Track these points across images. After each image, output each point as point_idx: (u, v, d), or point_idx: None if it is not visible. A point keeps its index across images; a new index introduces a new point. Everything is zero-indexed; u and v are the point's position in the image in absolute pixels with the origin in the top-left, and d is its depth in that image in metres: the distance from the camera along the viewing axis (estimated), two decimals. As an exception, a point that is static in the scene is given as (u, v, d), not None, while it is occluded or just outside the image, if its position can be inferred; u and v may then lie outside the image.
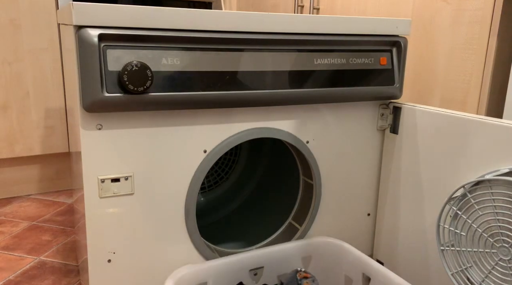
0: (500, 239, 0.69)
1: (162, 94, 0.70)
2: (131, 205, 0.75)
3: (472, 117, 0.75)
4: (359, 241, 0.99)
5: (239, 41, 0.75)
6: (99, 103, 0.67)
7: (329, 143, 0.90)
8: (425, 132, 0.85)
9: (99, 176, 0.72)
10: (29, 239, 1.26)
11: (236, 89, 0.75)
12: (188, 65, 0.72)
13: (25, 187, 1.59)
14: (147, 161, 0.74)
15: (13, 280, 1.05)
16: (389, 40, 0.88)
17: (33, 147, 1.52)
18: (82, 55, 0.65)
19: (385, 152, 0.96)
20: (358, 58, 0.85)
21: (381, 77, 0.88)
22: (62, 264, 1.13)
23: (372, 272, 0.81)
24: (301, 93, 0.81)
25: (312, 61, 0.81)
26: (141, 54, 0.68)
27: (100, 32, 0.65)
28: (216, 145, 0.79)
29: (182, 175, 0.77)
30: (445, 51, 1.10)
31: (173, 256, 0.80)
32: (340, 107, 0.89)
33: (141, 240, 0.77)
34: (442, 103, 1.12)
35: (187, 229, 0.80)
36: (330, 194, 0.93)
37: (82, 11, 0.64)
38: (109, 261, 0.75)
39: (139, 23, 0.68)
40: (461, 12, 1.05)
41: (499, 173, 0.70)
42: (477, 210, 0.71)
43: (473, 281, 0.73)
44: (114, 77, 0.67)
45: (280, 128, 0.84)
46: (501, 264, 0.69)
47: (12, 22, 1.42)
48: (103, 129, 0.71)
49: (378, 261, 0.99)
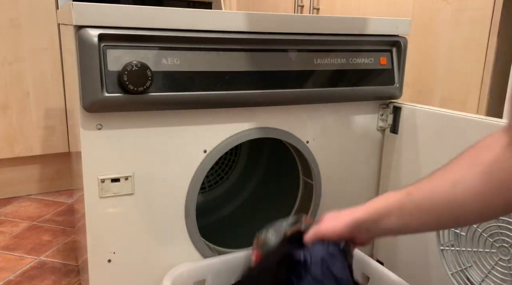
0: (499, 239, 0.69)
1: (162, 94, 0.70)
2: (131, 205, 0.75)
3: (472, 117, 0.75)
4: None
5: (239, 41, 0.75)
6: (99, 103, 0.67)
7: (329, 143, 0.90)
8: (425, 132, 0.85)
9: (99, 176, 0.72)
10: (29, 239, 1.26)
11: (236, 89, 0.75)
12: (188, 65, 0.72)
13: (25, 187, 1.59)
14: (147, 161, 0.74)
15: (13, 280, 1.05)
16: (389, 40, 0.88)
17: (33, 147, 1.52)
18: (82, 55, 0.65)
19: (385, 152, 0.96)
20: (358, 58, 0.85)
21: (381, 77, 0.88)
22: (62, 264, 1.13)
23: (371, 272, 0.81)
24: (301, 93, 0.81)
25: (312, 61, 0.81)
26: (141, 54, 0.68)
27: (100, 32, 0.65)
28: (216, 145, 0.79)
29: (182, 175, 0.77)
30: (445, 51, 1.10)
31: (173, 256, 0.80)
32: (340, 107, 0.89)
33: (141, 240, 0.77)
34: (442, 103, 1.12)
35: (187, 229, 0.80)
36: (330, 194, 0.93)
37: (82, 11, 0.64)
38: (109, 261, 0.75)
39: (139, 23, 0.68)
40: (461, 12, 1.05)
41: (499, 173, 0.70)
42: (477, 210, 0.71)
43: (473, 281, 0.73)
44: (114, 77, 0.67)
45: (280, 128, 0.84)
46: (501, 264, 0.69)
47: (12, 22, 1.42)
48: (103, 129, 0.71)
49: (378, 261, 0.99)
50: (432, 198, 0.51)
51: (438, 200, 0.50)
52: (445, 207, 0.50)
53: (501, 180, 0.45)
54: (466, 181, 0.48)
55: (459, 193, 0.48)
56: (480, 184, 0.47)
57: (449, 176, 0.51)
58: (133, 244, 0.77)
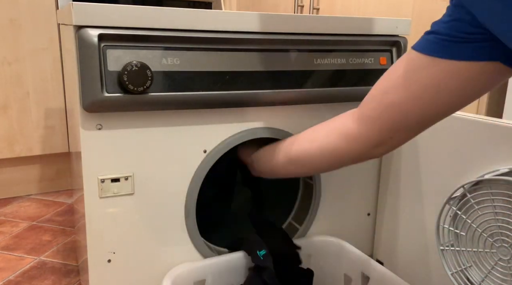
0: (499, 239, 0.69)
1: (162, 94, 0.70)
2: (131, 205, 0.75)
3: (472, 117, 0.75)
4: (359, 241, 0.99)
5: (239, 41, 0.75)
6: (99, 103, 0.67)
7: (329, 143, 0.90)
8: (425, 132, 0.85)
9: (99, 176, 0.72)
10: (29, 239, 1.26)
11: (236, 89, 0.75)
12: (188, 65, 0.72)
13: (25, 187, 1.59)
14: (147, 161, 0.74)
15: (13, 280, 1.05)
16: (389, 40, 0.88)
17: (33, 147, 1.52)
18: (82, 55, 0.65)
19: (385, 152, 0.96)
20: (358, 58, 0.85)
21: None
22: (62, 264, 1.13)
23: (371, 271, 0.81)
24: (301, 93, 0.81)
25: (312, 61, 0.81)
26: (141, 54, 0.68)
27: (100, 32, 0.65)
28: (216, 145, 0.79)
29: (182, 175, 0.77)
30: (445, 51, 1.10)
31: (173, 256, 0.80)
32: (340, 107, 0.89)
33: (141, 240, 0.77)
34: (442, 103, 1.12)
35: (187, 229, 0.80)
36: (330, 194, 0.93)
37: (82, 11, 0.64)
38: (109, 261, 0.75)
39: (139, 23, 0.68)
40: (461, 12, 1.05)
41: (498, 173, 0.70)
42: (477, 210, 0.71)
43: (473, 281, 0.73)
44: (114, 77, 0.67)
45: (280, 128, 0.84)
46: (501, 264, 0.69)
47: (12, 22, 1.42)
48: (103, 129, 0.71)
49: (378, 261, 0.99)
50: (305, 155, 0.72)
51: (309, 155, 0.71)
52: (310, 159, 0.71)
53: (346, 140, 0.66)
54: (325, 142, 0.68)
55: (318, 151, 0.69)
56: (327, 140, 0.68)
57: (309, 131, 0.73)
58: (133, 244, 0.77)
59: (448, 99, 0.55)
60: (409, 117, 0.58)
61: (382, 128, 0.61)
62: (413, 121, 0.59)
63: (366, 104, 0.63)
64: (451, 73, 0.53)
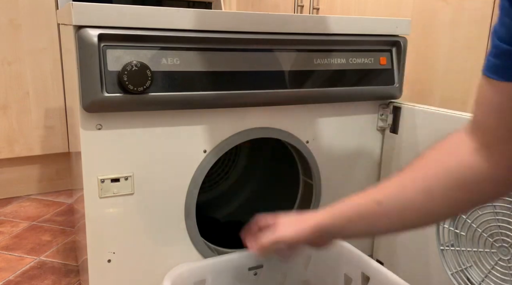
0: (499, 239, 0.69)
1: (162, 94, 0.70)
2: (131, 205, 0.75)
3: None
4: (359, 241, 0.99)
5: (239, 41, 0.75)
6: (99, 103, 0.67)
7: (329, 143, 0.90)
8: (425, 132, 0.85)
9: (99, 176, 0.72)
10: (29, 239, 1.26)
11: (235, 89, 0.75)
12: (188, 65, 0.72)
13: (25, 187, 1.59)
14: (147, 161, 0.74)
15: (13, 280, 1.05)
16: (389, 40, 0.88)
17: (33, 147, 1.52)
18: (82, 55, 0.65)
19: (385, 152, 0.96)
20: (358, 58, 0.85)
21: (381, 77, 0.88)
22: (62, 264, 1.13)
23: (371, 271, 0.81)
24: (301, 93, 0.81)
25: (312, 61, 0.81)
26: (141, 54, 0.68)
27: (100, 32, 0.65)
28: (216, 145, 0.79)
29: (182, 175, 0.77)
30: (445, 51, 1.10)
31: (173, 256, 0.80)
32: (340, 107, 0.89)
33: (141, 240, 0.77)
34: (442, 103, 1.12)
35: (187, 229, 0.80)
36: (330, 194, 0.93)
37: (82, 11, 0.64)
38: (109, 261, 0.75)
39: (139, 23, 0.68)
40: (461, 12, 1.05)
41: (498, 173, 0.70)
42: (477, 210, 0.71)
43: (473, 281, 0.73)
44: (114, 77, 0.67)
45: (280, 128, 0.84)
46: (501, 263, 0.69)
47: (12, 22, 1.42)
48: (103, 129, 0.71)
49: (378, 261, 0.99)
50: (404, 209, 0.52)
51: (410, 209, 0.52)
52: (416, 215, 0.52)
53: (469, 186, 0.47)
54: (436, 191, 0.49)
55: (430, 203, 0.50)
56: (451, 193, 0.48)
57: (419, 185, 0.51)
58: (133, 244, 0.76)
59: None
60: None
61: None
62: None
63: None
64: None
